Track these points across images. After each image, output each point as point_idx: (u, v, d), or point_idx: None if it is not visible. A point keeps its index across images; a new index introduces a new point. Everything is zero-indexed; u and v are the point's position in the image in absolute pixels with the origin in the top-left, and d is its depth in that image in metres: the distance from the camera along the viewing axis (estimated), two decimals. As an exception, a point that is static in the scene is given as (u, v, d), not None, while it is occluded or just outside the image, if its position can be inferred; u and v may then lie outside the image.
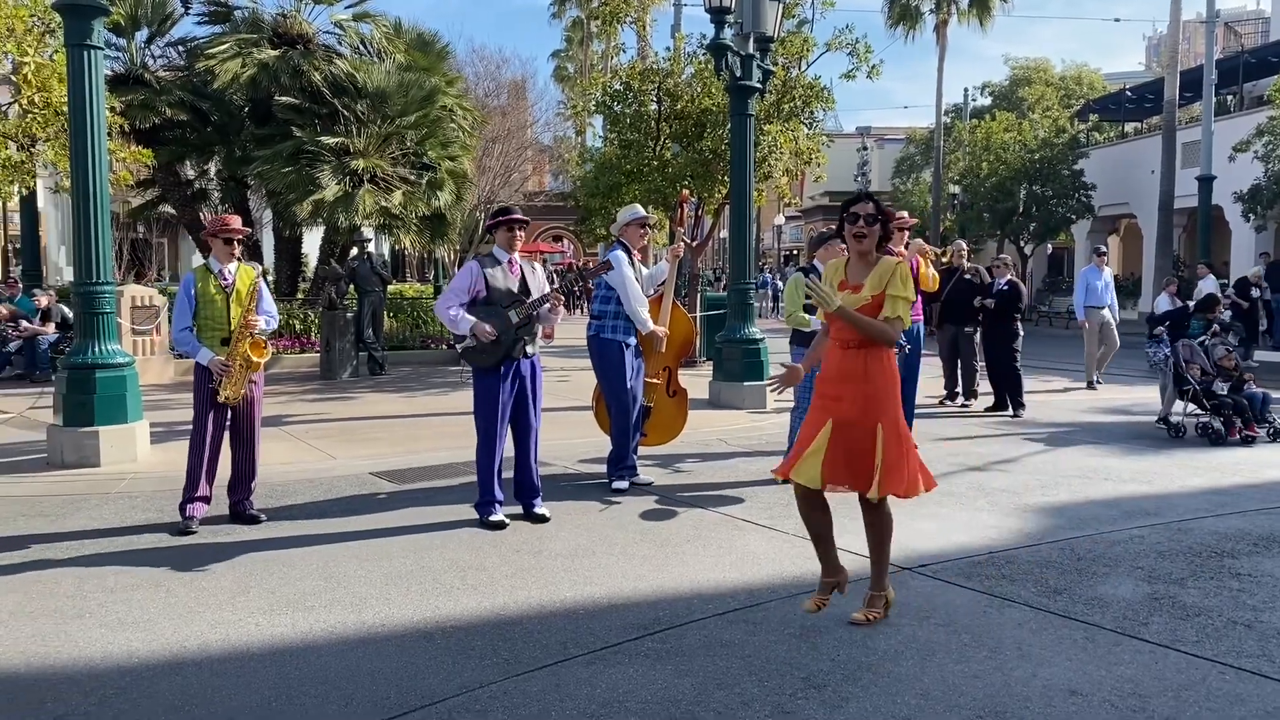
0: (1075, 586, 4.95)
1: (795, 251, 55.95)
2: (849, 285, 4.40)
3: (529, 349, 6.12)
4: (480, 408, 6.14)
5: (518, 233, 6.13)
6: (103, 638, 4.26)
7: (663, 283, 7.35)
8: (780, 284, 30.62)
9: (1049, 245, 36.23)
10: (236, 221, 6.22)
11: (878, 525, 4.55)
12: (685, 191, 8.43)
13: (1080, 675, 3.88)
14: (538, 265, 6.41)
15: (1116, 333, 13.66)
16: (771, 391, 4.51)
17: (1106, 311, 13.53)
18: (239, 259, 6.20)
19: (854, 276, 4.42)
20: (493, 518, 6.07)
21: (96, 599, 4.74)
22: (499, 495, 6.15)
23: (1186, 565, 5.31)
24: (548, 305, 6.08)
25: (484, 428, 6.14)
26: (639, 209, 7.28)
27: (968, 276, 11.21)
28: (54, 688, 3.77)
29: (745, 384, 11.06)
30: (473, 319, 5.95)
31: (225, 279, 6.07)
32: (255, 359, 5.99)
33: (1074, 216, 30.92)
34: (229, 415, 6.13)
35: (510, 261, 6.14)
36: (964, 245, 11.90)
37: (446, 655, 4.08)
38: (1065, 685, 3.79)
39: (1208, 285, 16.66)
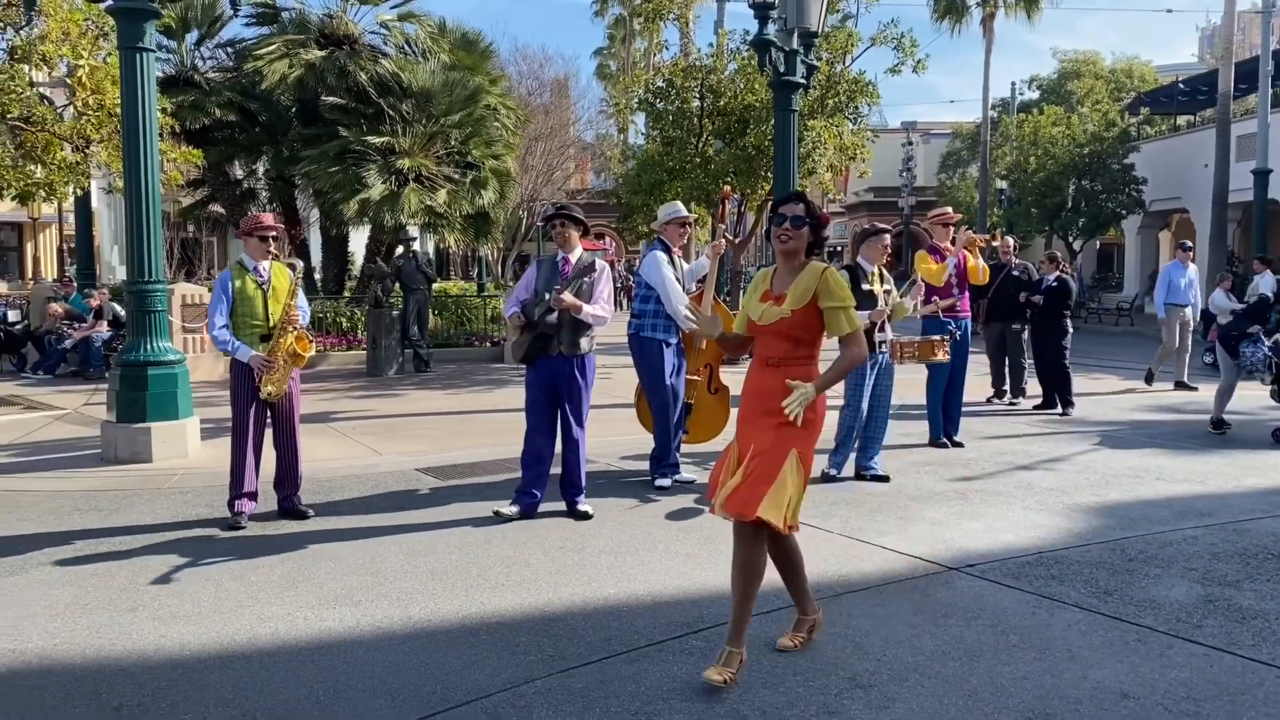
0: (1126, 588, 4.87)
1: (839, 248, 55.56)
2: (771, 296, 3.88)
3: (564, 349, 6.11)
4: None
5: (559, 230, 6.15)
6: (155, 630, 4.33)
7: (703, 279, 7.32)
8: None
9: (1098, 241, 35.66)
10: (270, 219, 6.29)
11: (739, 564, 3.82)
12: (727, 188, 8.39)
13: (1132, 678, 3.81)
14: (602, 264, 6.31)
15: (1190, 335, 13.16)
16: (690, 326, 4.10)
17: (1188, 311, 13.01)
18: (274, 256, 6.26)
19: (778, 285, 3.89)
20: (505, 512, 6.18)
21: (149, 592, 4.83)
22: (529, 488, 6.24)
23: (1242, 567, 5.20)
24: (549, 309, 6.03)
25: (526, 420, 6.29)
26: (679, 207, 7.25)
27: (1015, 273, 11.07)
28: (109, 679, 3.84)
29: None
30: (513, 309, 6.18)
31: (261, 275, 6.14)
32: (302, 352, 6.07)
33: (1124, 211, 30.41)
34: (269, 412, 6.20)
35: (564, 260, 6.17)
36: (1011, 240, 11.75)
37: (491, 650, 4.10)
38: (1116, 688, 3.72)
39: (1265, 282, 16.25)
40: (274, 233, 6.21)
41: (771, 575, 4.81)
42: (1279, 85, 28.16)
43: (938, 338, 7.48)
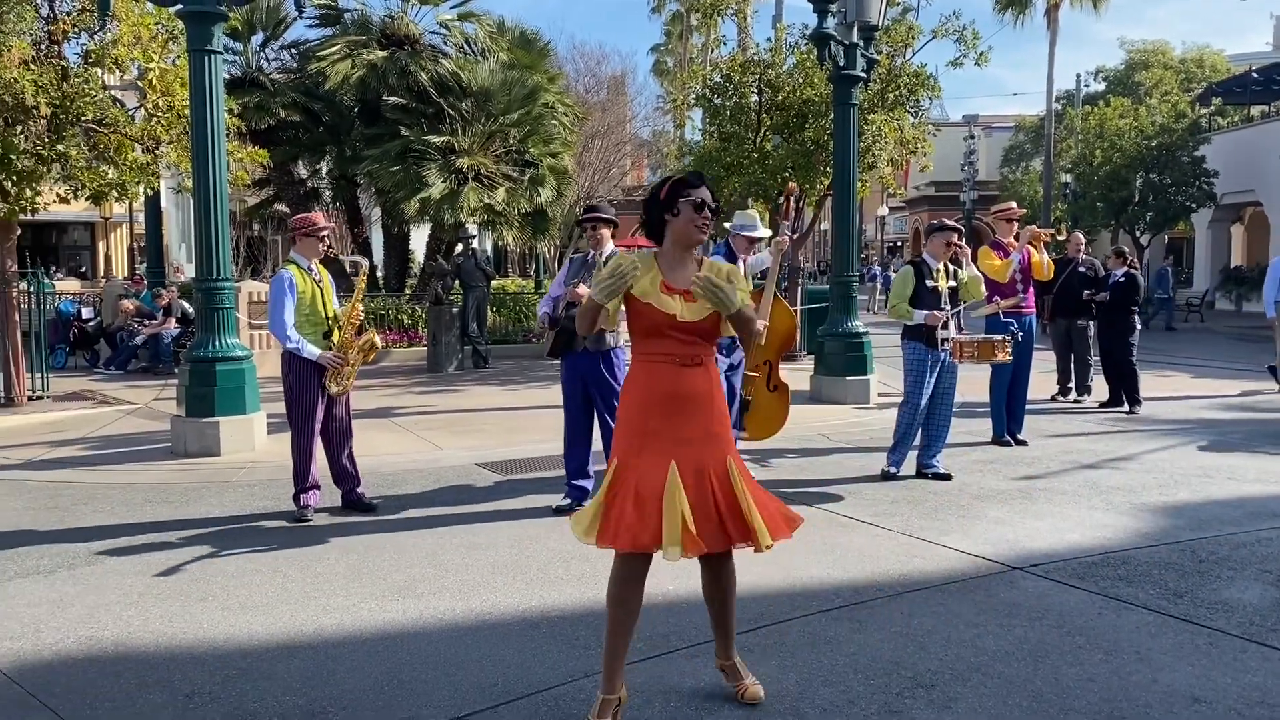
0: (1197, 589, 4.76)
1: (899, 244, 54.98)
2: (676, 290, 3.41)
3: (588, 344, 6.12)
4: None
5: (592, 233, 6.27)
6: (225, 620, 4.43)
7: (764, 274, 7.29)
8: (892, 276, 30.06)
9: (1166, 235, 34.82)
10: (321, 218, 6.41)
11: (729, 581, 3.64)
12: (793, 185, 8.29)
13: (1203, 682, 3.73)
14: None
15: None
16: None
17: None
18: (334, 254, 6.39)
19: (679, 280, 3.43)
20: (556, 504, 6.31)
21: (219, 583, 4.94)
22: (573, 480, 6.34)
23: (1319, 570, 5.05)
24: (572, 304, 6.02)
25: None
26: (757, 225, 7.05)
27: (1082, 269, 10.86)
28: (181, 667, 3.94)
29: (848, 378, 10.93)
30: (546, 307, 6.31)
31: (315, 274, 6.25)
32: (378, 347, 6.25)
33: (1194, 205, 29.65)
34: (326, 407, 6.26)
35: (594, 257, 6.26)
36: (1081, 237, 11.52)
37: (551, 644, 4.13)
38: (1187, 692, 3.64)
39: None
40: (326, 231, 6.33)
41: (823, 571, 4.79)
42: (1358, 73, 27.26)
43: (999, 338, 7.31)
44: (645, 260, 3.48)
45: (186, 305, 14.41)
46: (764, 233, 7.10)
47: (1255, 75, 32.73)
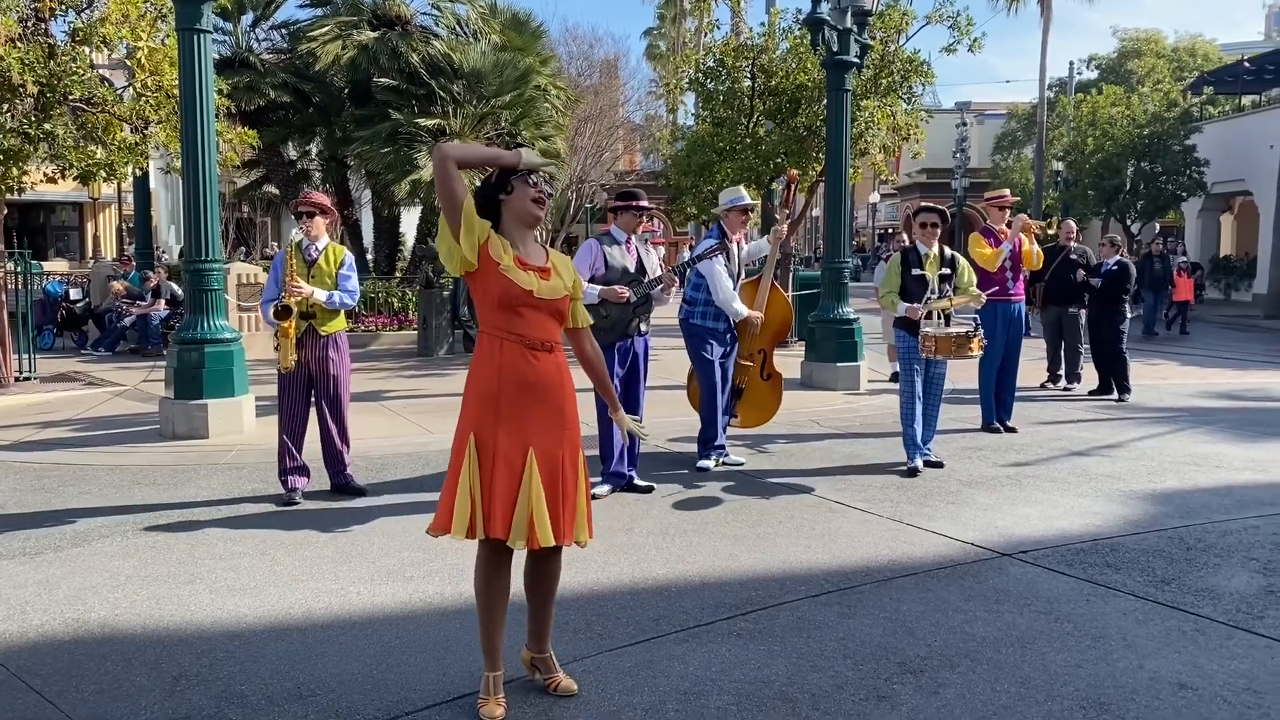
0: (1185, 576, 4.78)
1: (890, 230, 54.99)
2: (531, 265, 3.33)
3: (643, 327, 6.24)
4: None
5: (643, 218, 6.30)
6: (213, 603, 4.41)
7: (762, 260, 7.26)
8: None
9: (1157, 224, 34.90)
10: (308, 196, 6.31)
11: (556, 575, 3.63)
12: (794, 171, 8.23)
13: (1190, 668, 3.75)
14: (651, 247, 6.50)
15: None
16: None
17: None
18: (328, 235, 6.28)
19: (531, 254, 3.37)
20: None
21: (206, 565, 4.92)
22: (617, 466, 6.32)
23: (1305, 558, 5.08)
24: (661, 286, 6.19)
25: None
26: (743, 194, 7.10)
27: (1074, 256, 10.87)
28: (169, 650, 3.93)
29: (839, 364, 10.93)
30: (598, 288, 5.99)
31: (310, 255, 6.18)
32: (286, 328, 6.02)
33: (1184, 194, 29.72)
34: (313, 389, 6.22)
35: (627, 241, 6.23)
36: (1073, 225, 11.53)
37: (541, 629, 4.12)
38: (1174, 678, 3.66)
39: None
40: (304, 208, 6.18)
41: (812, 556, 4.79)
42: (1350, 64, 27.27)
43: (965, 331, 7.15)
44: (502, 241, 3.32)
45: (175, 287, 14.35)
46: (747, 198, 7.12)
47: (1247, 65, 32.79)
